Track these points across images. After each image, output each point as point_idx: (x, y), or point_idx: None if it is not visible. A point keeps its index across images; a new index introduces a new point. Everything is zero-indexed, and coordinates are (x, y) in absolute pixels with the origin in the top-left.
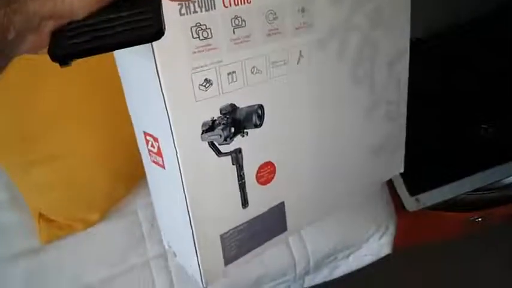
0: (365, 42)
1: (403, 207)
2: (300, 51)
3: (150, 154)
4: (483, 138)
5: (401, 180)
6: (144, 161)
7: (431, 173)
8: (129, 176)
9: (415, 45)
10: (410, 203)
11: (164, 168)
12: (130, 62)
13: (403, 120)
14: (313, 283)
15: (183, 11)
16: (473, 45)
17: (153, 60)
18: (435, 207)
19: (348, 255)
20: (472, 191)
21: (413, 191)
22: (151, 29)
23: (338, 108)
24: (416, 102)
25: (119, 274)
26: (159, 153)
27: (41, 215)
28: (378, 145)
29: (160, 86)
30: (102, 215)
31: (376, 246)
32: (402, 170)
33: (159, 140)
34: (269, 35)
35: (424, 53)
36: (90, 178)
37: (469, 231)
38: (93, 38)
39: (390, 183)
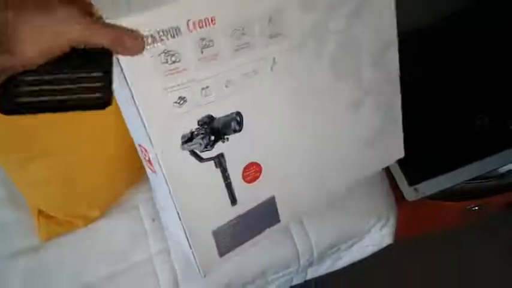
0: (345, 41)
1: (403, 198)
2: (274, 58)
3: (144, 162)
4: (479, 128)
5: (400, 170)
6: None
7: (429, 163)
8: (129, 171)
9: (408, 39)
10: (410, 192)
11: (156, 174)
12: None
13: (397, 110)
14: (316, 275)
15: (149, 41)
16: (466, 37)
17: (127, 85)
18: (434, 197)
19: (351, 246)
20: (470, 180)
21: (412, 181)
22: (99, 100)
23: (321, 106)
24: (413, 94)
25: (122, 271)
26: (150, 161)
27: (40, 212)
28: (370, 137)
29: (136, 107)
30: (102, 211)
31: (377, 236)
32: (403, 155)
33: (147, 150)
34: (237, 50)
35: (417, 46)
36: (89, 173)
37: (467, 220)
38: (39, 101)
39: (390, 175)
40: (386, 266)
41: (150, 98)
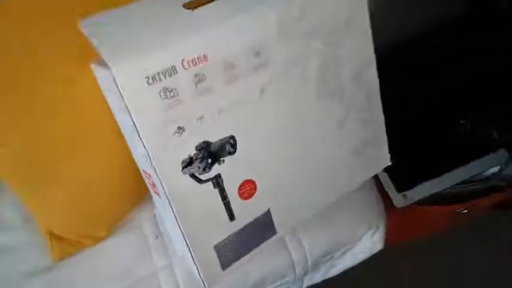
0: (326, 63)
1: (392, 205)
2: (261, 86)
3: (149, 185)
4: (463, 134)
5: (388, 178)
6: (149, 188)
7: (417, 170)
8: (134, 193)
9: (393, 51)
10: (398, 199)
11: (160, 196)
12: (117, 115)
13: (380, 122)
14: (311, 282)
15: (150, 81)
16: (448, 49)
17: (130, 117)
18: (422, 202)
19: (344, 254)
20: (456, 185)
21: (400, 188)
22: None
23: (309, 125)
24: (399, 105)
25: (128, 286)
26: (153, 185)
27: (52, 234)
28: (358, 147)
29: (139, 137)
30: (109, 231)
31: (368, 244)
32: (390, 163)
33: (151, 175)
34: (229, 81)
35: (404, 58)
36: (98, 197)
37: (455, 224)
38: None
39: (379, 183)
40: (377, 272)
41: (152, 130)
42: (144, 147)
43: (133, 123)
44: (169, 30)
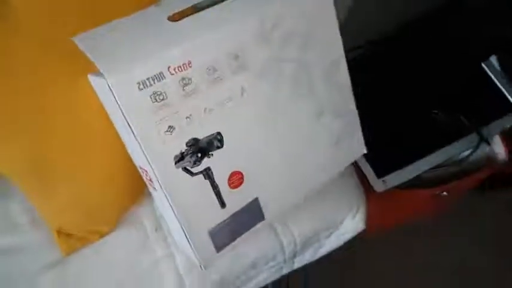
0: (300, 65)
1: (374, 191)
2: (241, 87)
3: (146, 181)
4: (435, 121)
5: (368, 166)
6: (146, 183)
7: (395, 157)
8: (133, 189)
9: (369, 47)
10: (378, 184)
11: (157, 190)
12: (114, 118)
13: (353, 114)
14: (301, 264)
15: (141, 86)
16: (419, 44)
17: (125, 119)
18: (403, 187)
19: (329, 235)
20: (432, 169)
21: (379, 174)
22: None
23: (288, 119)
24: (374, 96)
25: (132, 276)
26: (150, 180)
27: (59, 231)
28: (334, 139)
29: (135, 137)
30: (113, 226)
31: (351, 224)
32: (365, 151)
33: (147, 171)
34: (212, 83)
35: (378, 53)
36: (101, 194)
37: (438, 208)
38: None
39: (359, 170)
40: (361, 258)
41: (145, 130)
42: (140, 146)
43: (129, 124)
44: (156, 41)
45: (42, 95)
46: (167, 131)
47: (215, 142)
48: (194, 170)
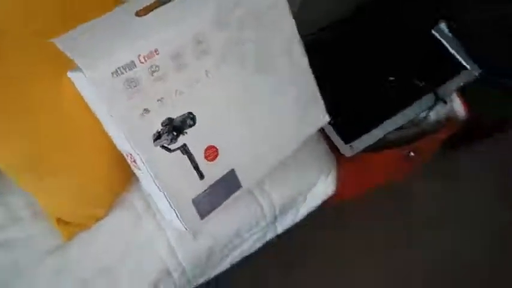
0: (258, 47)
1: (344, 157)
2: (206, 70)
3: (131, 163)
4: (394, 87)
5: (335, 133)
6: (131, 167)
7: (359, 123)
8: (122, 175)
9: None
10: (347, 150)
11: (141, 170)
12: (95, 109)
13: (313, 86)
14: (283, 226)
15: (115, 75)
16: (373, 20)
17: (105, 108)
18: (369, 150)
19: (305, 199)
20: (397, 130)
21: (346, 140)
22: None
23: (254, 96)
24: (336, 72)
25: (129, 252)
26: (135, 162)
27: (59, 220)
28: (299, 111)
29: (115, 122)
30: (107, 210)
31: (324, 186)
32: (328, 119)
33: (131, 154)
34: (178, 68)
35: (337, 33)
36: (94, 182)
37: (407, 169)
38: None
39: (329, 139)
40: (333, 225)
41: (123, 114)
42: (120, 129)
43: (108, 111)
44: (126, 35)
45: (29, 96)
46: (142, 113)
47: (188, 121)
48: (172, 146)
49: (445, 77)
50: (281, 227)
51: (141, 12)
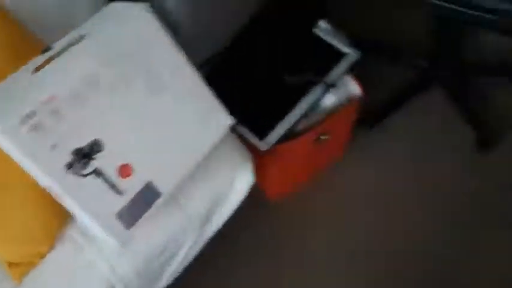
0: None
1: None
2: (102, 101)
3: (56, 196)
4: (290, 83)
5: (248, 132)
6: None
7: (267, 119)
8: (60, 210)
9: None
10: (262, 144)
11: (65, 200)
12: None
13: (210, 96)
14: (213, 231)
15: (22, 124)
16: (260, 33)
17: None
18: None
19: (227, 196)
20: (303, 119)
21: (261, 136)
22: None
23: (157, 112)
24: (240, 80)
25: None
26: (58, 194)
27: (10, 264)
28: (199, 117)
29: (30, 163)
30: (50, 245)
31: (243, 178)
32: (231, 122)
33: (52, 187)
34: (76, 104)
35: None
36: (36, 223)
37: (325, 154)
38: None
39: (244, 139)
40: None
41: (34, 153)
42: (36, 168)
43: (22, 154)
44: (25, 91)
45: None
46: (52, 148)
47: (95, 147)
48: (85, 172)
49: (330, 66)
50: (210, 231)
51: (36, 70)
